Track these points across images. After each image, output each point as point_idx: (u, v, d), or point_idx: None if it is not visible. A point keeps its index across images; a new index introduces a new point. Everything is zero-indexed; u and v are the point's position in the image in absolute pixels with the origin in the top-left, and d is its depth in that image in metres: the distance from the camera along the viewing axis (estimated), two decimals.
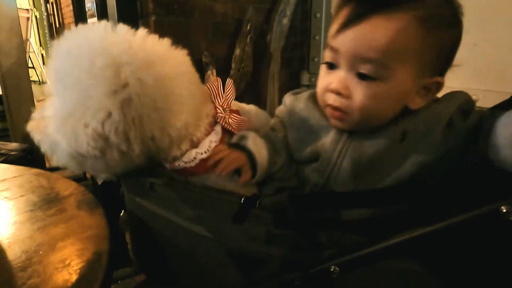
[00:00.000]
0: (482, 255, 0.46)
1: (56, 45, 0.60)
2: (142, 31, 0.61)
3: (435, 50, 0.54)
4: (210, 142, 0.65)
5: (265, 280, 0.58)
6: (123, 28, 0.60)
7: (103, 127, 0.56)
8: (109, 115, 0.55)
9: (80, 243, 0.54)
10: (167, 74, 0.59)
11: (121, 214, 1.26)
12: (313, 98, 0.69)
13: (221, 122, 0.67)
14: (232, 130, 0.68)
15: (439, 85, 0.58)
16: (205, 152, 0.64)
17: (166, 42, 0.63)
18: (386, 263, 0.50)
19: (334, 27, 0.57)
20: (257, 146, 0.65)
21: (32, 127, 0.63)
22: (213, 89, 0.71)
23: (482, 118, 0.55)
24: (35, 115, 0.64)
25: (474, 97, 1.18)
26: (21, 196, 0.69)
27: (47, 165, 2.50)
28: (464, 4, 0.56)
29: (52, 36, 4.94)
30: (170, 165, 0.66)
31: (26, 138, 1.87)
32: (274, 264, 0.58)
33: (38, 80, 6.03)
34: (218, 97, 0.70)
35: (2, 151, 1.59)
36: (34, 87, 1.93)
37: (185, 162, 0.65)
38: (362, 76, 0.55)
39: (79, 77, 0.55)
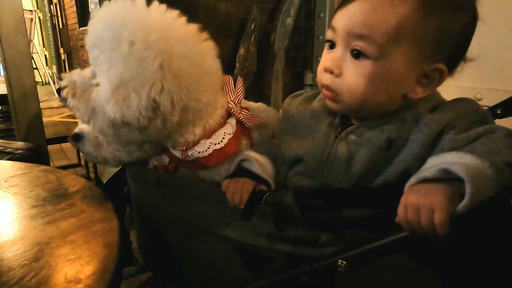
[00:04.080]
0: (484, 249, 0.47)
1: (99, 16, 0.61)
2: (173, 11, 0.64)
3: (435, 35, 0.51)
4: (225, 134, 0.67)
5: (272, 275, 0.58)
6: (160, 6, 0.63)
7: (159, 97, 0.58)
8: (163, 85, 0.58)
9: (90, 236, 0.54)
10: (203, 50, 0.64)
11: (127, 211, 1.27)
12: (308, 99, 0.69)
13: (235, 114, 0.68)
14: (246, 123, 0.69)
15: (442, 74, 0.54)
16: (219, 143, 0.66)
17: (192, 25, 0.66)
18: (387, 258, 0.51)
19: (336, 5, 0.57)
20: (261, 165, 0.65)
21: (67, 93, 0.64)
22: (225, 85, 0.72)
23: (479, 135, 0.50)
24: (66, 82, 0.65)
25: (478, 96, 1.19)
26: (31, 191, 0.70)
27: (51, 165, 2.51)
28: None
29: (55, 37, 4.96)
30: (183, 155, 0.67)
31: (31, 137, 1.89)
32: (280, 259, 0.59)
33: (41, 81, 6.06)
34: (230, 93, 0.72)
35: (8, 150, 1.60)
36: (38, 88, 1.94)
37: (198, 152, 0.66)
38: (356, 55, 0.54)
39: (134, 49, 0.57)
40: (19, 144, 1.67)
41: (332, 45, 0.58)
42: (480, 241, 0.45)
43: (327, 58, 0.57)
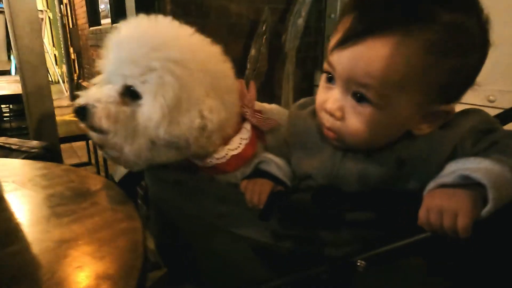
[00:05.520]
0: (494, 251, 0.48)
1: (130, 34, 0.62)
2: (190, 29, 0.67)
3: (444, 78, 0.48)
4: (241, 140, 0.68)
5: (293, 273, 0.59)
6: (184, 25, 0.66)
7: (209, 116, 0.60)
8: (212, 104, 0.61)
9: (116, 234, 0.56)
10: (229, 68, 0.69)
11: (142, 210, 1.29)
12: (314, 113, 0.65)
13: (250, 119, 0.70)
14: (261, 127, 0.70)
15: (448, 114, 0.51)
16: (236, 149, 0.67)
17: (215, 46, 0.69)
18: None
19: (333, 40, 0.52)
20: (279, 166, 0.66)
21: (103, 115, 0.61)
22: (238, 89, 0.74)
23: (493, 142, 0.50)
24: (87, 100, 0.63)
25: (491, 97, 1.19)
26: (54, 190, 0.71)
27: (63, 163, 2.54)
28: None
29: (65, 37, 5.01)
30: (202, 162, 0.68)
31: (44, 136, 1.92)
32: (300, 258, 0.60)
33: (51, 80, 6.13)
34: (243, 97, 0.73)
35: (23, 149, 1.63)
36: None
37: (217, 159, 0.67)
38: (358, 98, 0.50)
39: (186, 70, 0.59)
40: (34, 143, 1.70)
41: (331, 79, 0.54)
42: (498, 244, 0.47)
43: (326, 97, 0.55)
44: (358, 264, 0.52)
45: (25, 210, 0.64)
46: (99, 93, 0.63)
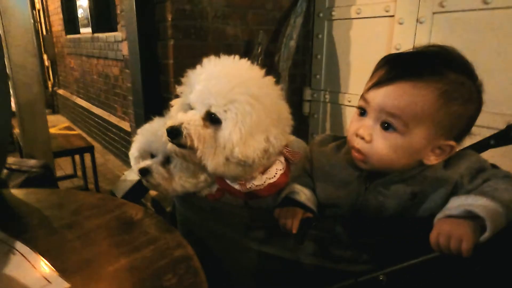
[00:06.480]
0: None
1: (218, 71, 0.75)
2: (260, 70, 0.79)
3: (450, 119, 0.64)
4: (277, 170, 0.79)
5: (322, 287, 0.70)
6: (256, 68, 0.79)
7: (274, 141, 0.72)
8: (277, 132, 0.73)
9: (174, 261, 0.64)
10: (287, 105, 0.80)
11: None
12: (336, 150, 0.80)
13: (284, 152, 0.80)
14: (291, 160, 0.81)
15: (452, 149, 0.67)
16: (272, 178, 0.78)
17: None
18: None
19: (369, 83, 0.70)
20: (306, 196, 0.77)
21: (194, 135, 0.72)
22: None
23: (485, 180, 0.63)
24: (178, 122, 0.73)
25: None
26: (99, 221, 0.78)
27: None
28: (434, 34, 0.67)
29: (38, 44, 4.89)
30: (242, 187, 0.78)
31: (37, 153, 1.92)
32: (327, 274, 0.71)
33: None
34: None
35: (23, 168, 1.65)
36: None
37: (256, 185, 0.77)
38: (385, 127, 0.66)
39: (262, 103, 0.71)
40: (33, 162, 1.72)
41: (363, 113, 0.70)
42: (495, 263, 0.60)
43: (359, 125, 0.70)
44: (381, 279, 0.64)
45: (83, 243, 0.70)
46: (186, 116, 0.74)
